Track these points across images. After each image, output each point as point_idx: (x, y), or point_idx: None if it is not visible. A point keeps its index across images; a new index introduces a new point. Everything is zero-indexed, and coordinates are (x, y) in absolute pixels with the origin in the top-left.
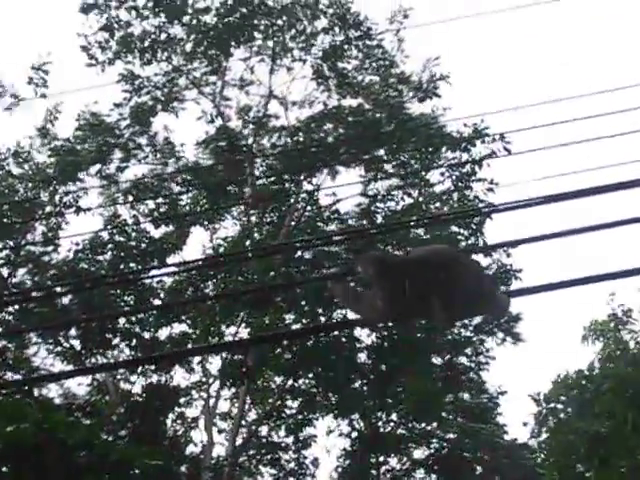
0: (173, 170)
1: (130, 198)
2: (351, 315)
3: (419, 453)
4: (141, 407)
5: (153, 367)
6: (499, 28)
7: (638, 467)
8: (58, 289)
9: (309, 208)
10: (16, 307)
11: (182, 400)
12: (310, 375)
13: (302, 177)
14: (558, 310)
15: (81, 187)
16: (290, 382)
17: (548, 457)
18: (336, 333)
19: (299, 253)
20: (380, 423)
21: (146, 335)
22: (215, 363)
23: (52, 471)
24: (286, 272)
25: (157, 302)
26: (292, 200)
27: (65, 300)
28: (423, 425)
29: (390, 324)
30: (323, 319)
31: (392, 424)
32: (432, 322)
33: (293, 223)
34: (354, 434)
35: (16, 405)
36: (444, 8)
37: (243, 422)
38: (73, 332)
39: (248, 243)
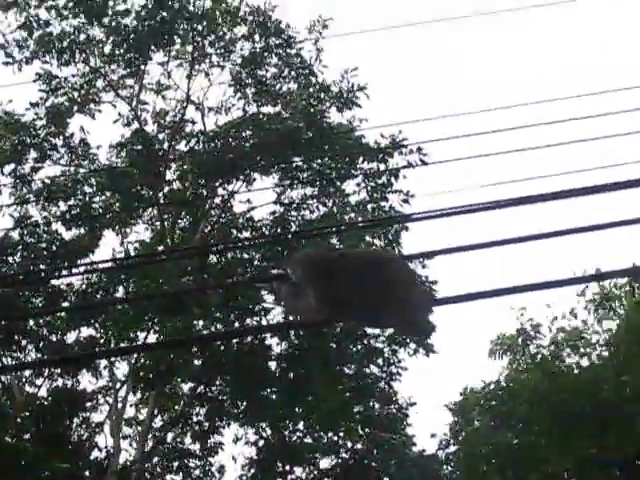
0: (87, 172)
1: (42, 199)
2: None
3: (326, 463)
4: (46, 410)
5: (59, 370)
6: (417, 39)
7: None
8: None
9: (223, 215)
10: None
11: (88, 404)
12: (219, 382)
13: (217, 183)
14: (465, 323)
15: None
16: (199, 389)
17: (459, 468)
18: (247, 340)
19: (213, 259)
20: (287, 432)
21: (54, 338)
22: (122, 368)
23: None
24: (200, 277)
25: (66, 305)
26: (206, 206)
27: None
28: (330, 435)
29: (303, 331)
30: (236, 326)
31: (299, 433)
32: (358, 323)
33: (207, 230)
34: (261, 442)
35: None
36: (363, 19)
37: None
38: None
39: (161, 248)
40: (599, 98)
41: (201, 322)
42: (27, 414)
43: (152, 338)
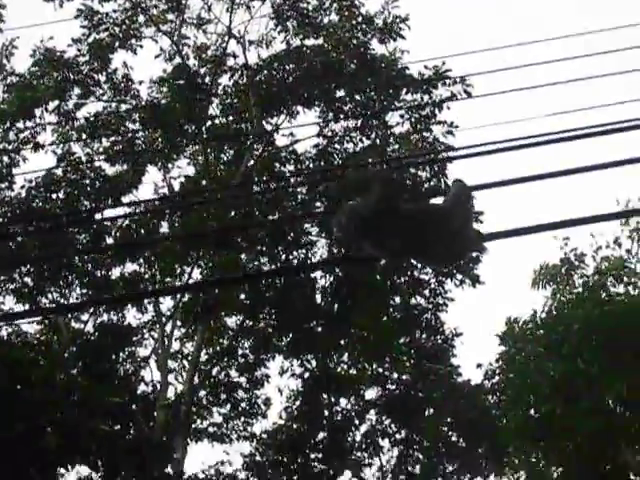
0: (130, 108)
1: (85, 136)
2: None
3: (372, 394)
4: (93, 346)
5: (104, 307)
6: None
7: (602, 408)
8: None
9: (267, 149)
10: None
11: (133, 339)
12: (265, 315)
13: (260, 116)
14: (508, 253)
15: (38, 123)
16: (245, 322)
17: (510, 397)
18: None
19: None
20: (332, 364)
21: (98, 274)
22: (167, 303)
23: (15, 408)
24: (245, 212)
25: (110, 241)
26: (249, 140)
27: (19, 238)
28: (375, 366)
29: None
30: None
31: (344, 365)
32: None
33: (250, 164)
34: (306, 375)
35: None
36: None
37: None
38: (26, 270)
39: (205, 183)
40: None
41: (246, 256)
42: (74, 349)
43: (197, 273)
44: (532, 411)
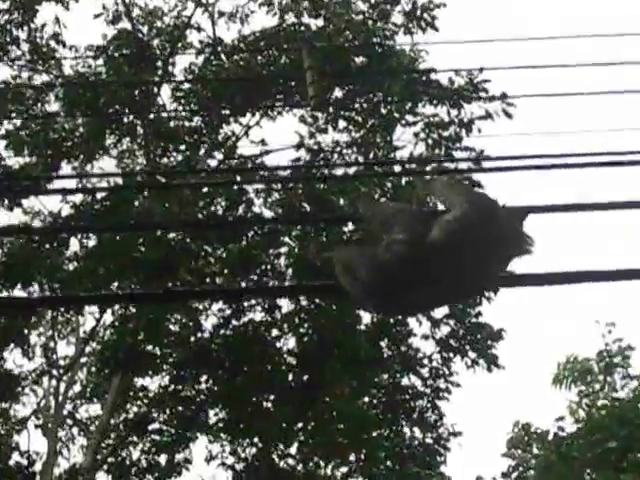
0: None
1: None
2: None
3: None
4: None
5: None
6: None
7: None
8: None
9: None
10: None
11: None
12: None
13: (229, 113)
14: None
15: None
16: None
17: None
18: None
19: None
20: (277, 456)
21: None
22: (62, 349)
23: None
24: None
25: None
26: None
27: None
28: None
29: None
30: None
31: (292, 460)
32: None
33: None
34: (240, 466)
35: None
36: None
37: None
38: None
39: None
40: None
41: None
42: None
43: None
44: None
